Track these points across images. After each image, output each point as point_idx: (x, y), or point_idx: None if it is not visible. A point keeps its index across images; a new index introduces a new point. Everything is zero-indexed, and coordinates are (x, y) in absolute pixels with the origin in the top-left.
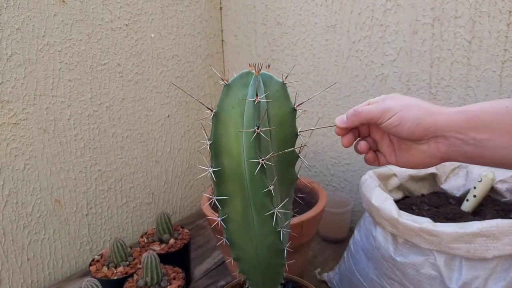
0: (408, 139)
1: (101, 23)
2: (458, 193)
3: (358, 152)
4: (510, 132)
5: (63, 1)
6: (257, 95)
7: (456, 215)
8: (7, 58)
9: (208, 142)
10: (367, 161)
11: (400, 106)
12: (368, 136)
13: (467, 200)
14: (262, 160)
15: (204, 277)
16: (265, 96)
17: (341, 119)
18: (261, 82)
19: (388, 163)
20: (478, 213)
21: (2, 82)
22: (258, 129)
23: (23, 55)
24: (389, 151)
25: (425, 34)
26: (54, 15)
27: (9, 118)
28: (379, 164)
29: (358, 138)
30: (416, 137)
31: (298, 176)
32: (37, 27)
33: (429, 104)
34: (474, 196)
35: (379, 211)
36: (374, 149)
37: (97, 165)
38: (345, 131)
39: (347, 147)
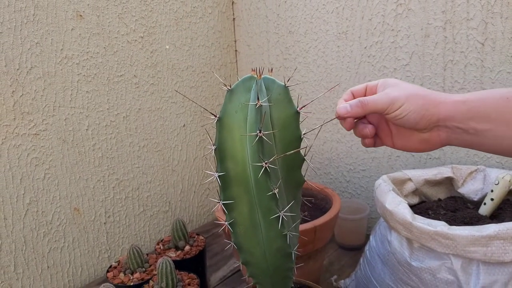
0: (412, 129)
1: (117, 36)
2: (476, 197)
3: (364, 136)
4: (510, 123)
5: (81, 15)
6: (258, 98)
7: (473, 219)
8: (27, 71)
9: (213, 147)
10: (365, 145)
11: (405, 96)
12: (364, 118)
13: (485, 204)
14: (266, 163)
15: (220, 284)
16: (267, 99)
17: (344, 109)
18: (263, 86)
19: (384, 145)
20: (496, 217)
21: (23, 94)
22: (260, 132)
23: (43, 68)
24: (385, 134)
25: (437, 37)
26: (72, 29)
27: (30, 129)
28: (375, 146)
29: (355, 120)
30: (420, 127)
31: (314, 182)
32: (55, 41)
33: (432, 92)
34: (492, 199)
35: (393, 215)
36: None
37: (114, 174)
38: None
39: (349, 130)
